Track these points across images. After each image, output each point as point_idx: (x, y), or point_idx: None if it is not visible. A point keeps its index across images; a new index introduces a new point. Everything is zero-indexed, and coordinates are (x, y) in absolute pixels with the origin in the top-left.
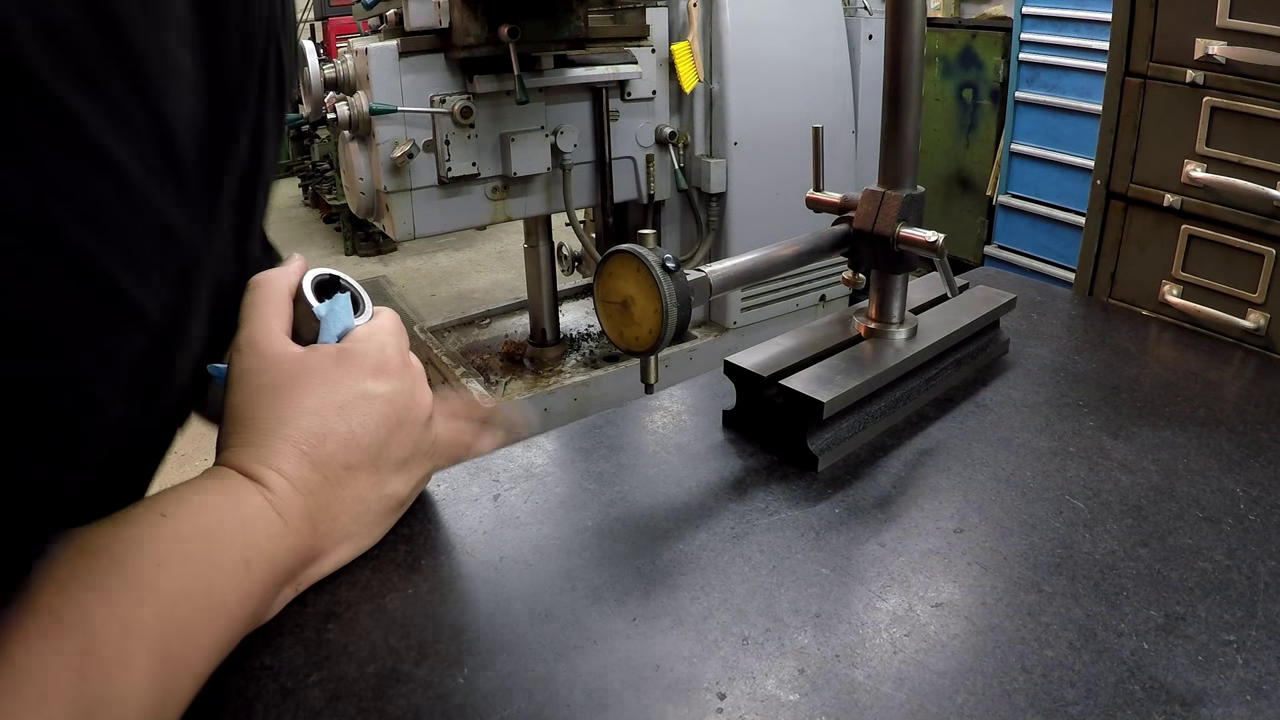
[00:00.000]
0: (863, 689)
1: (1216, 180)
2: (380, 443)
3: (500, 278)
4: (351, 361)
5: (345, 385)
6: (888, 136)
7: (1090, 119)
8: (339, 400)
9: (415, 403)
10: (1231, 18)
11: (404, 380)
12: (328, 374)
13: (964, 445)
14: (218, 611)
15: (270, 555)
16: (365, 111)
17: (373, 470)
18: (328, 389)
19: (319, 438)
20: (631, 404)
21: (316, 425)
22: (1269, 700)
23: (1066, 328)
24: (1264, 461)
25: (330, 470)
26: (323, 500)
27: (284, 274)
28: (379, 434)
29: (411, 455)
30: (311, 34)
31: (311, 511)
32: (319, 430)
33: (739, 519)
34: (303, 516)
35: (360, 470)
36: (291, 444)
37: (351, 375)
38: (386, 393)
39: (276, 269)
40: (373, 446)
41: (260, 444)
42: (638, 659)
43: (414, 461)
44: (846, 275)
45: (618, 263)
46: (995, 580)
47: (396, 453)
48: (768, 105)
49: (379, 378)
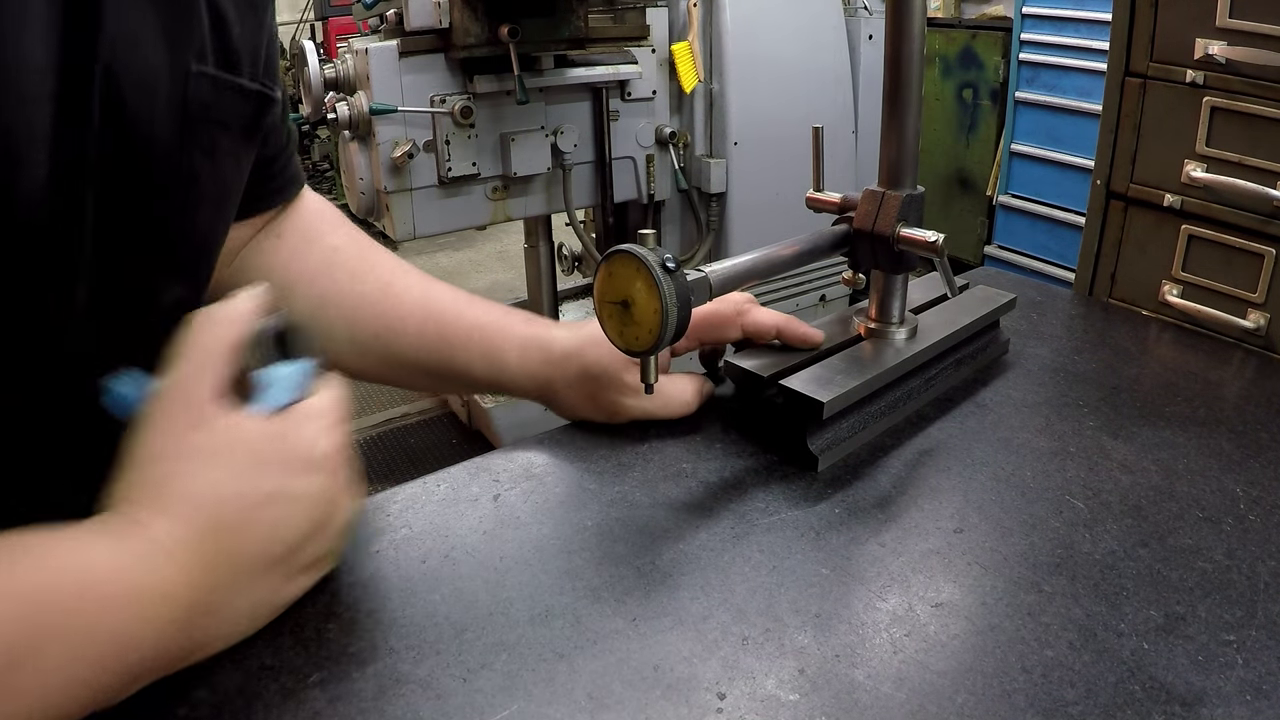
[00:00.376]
0: (863, 689)
1: (1216, 180)
2: (295, 546)
3: (500, 278)
4: (289, 446)
5: (275, 474)
6: (888, 136)
7: (1090, 119)
8: (266, 491)
9: (338, 506)
10: (1231, 18)
11: (335, 479)
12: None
13: (964, 445)
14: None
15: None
16: (365, 111)
17: (278, 574)
18: (257, 474)
19: (231, 530)
20: None
21: (232, 515)
22: (1269, 700)
23: (1066, 328)
24: (1264, 461)
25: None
26: (215, 599)
27: (239, 314)
28: (296, 537)
29: (321, 558)
30: (311, 34)
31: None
32: (233, 522)
33: (739, 519)
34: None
35: (266, 573)
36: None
37: (286, 464)
38: (315, 493)
39: (231, 306)
40: (287, 549)
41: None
42: (638, 659)
43: (320, 564)
44: (846, 275)
45: (618, 263)
46: (995, 580)
47: (306, 557)
48: (768, 105)
49: (311, 473)
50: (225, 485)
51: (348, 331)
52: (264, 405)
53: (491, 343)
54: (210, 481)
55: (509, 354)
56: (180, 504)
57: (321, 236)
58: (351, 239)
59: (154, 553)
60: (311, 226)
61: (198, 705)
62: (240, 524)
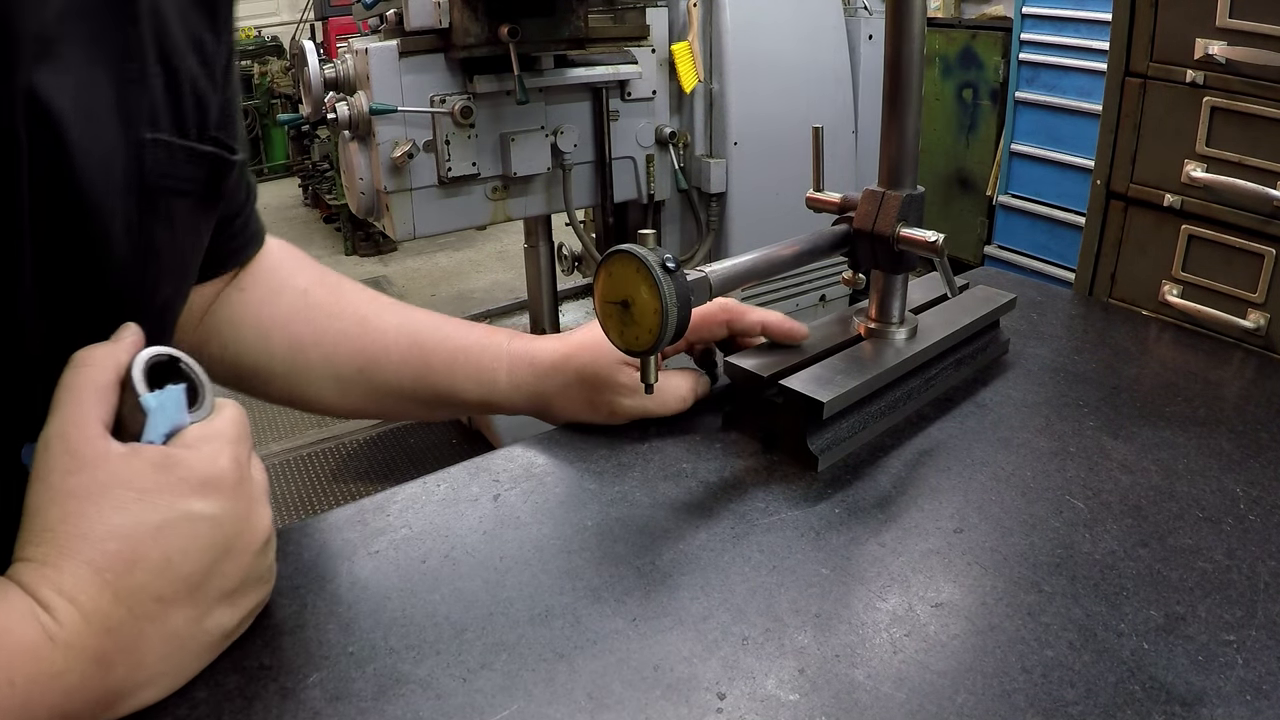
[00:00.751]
0: (863, 689)
1: (1216, 180)
2: (202, 572)
3: (500, 278)
4: (176, 471)
5: (165, 501)
6: (888, 136)
7: (1090, 119)
8: (156, 520)
9: (248, 527)
10: (1231, 18)
11: (237, 500)
12: (146, 485)
13: (964, 445)
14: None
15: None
16: (365, 111)
17: (190, 604)
18: (144, 505)
19: (127, 564)
20: None
21: (125, 549)
22: (1269, 700)
23: (1066, 328)
24: (1264, 461)
25: (137, 603)
26: (124, 638)
27: (112, 353)
28: (201, 562)
29: (240, 585)
30: (311, 34)
31: (107, 652)
32: (128, 555)
33: (739, 519)
34: (94, 658)
35: (175, 604)
36: (93, 569)
37: (175, 489)
38: (214, 514)
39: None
40: (193, 577)
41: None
42: (638, 659)
43: (243, 592)
44: (846, 275)
45: (618, 263)
46: (995, 580)
47: (221, 584)
48: (768, 105)
49: (207, 495)
50: (112, 521)
51: (330, 370)
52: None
53: (479, 364)
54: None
55: (498, 373)
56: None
57: (288, 281)
58: (320, 279)
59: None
60: (276, 274)
61: (197, 705)
62: (135, 557)
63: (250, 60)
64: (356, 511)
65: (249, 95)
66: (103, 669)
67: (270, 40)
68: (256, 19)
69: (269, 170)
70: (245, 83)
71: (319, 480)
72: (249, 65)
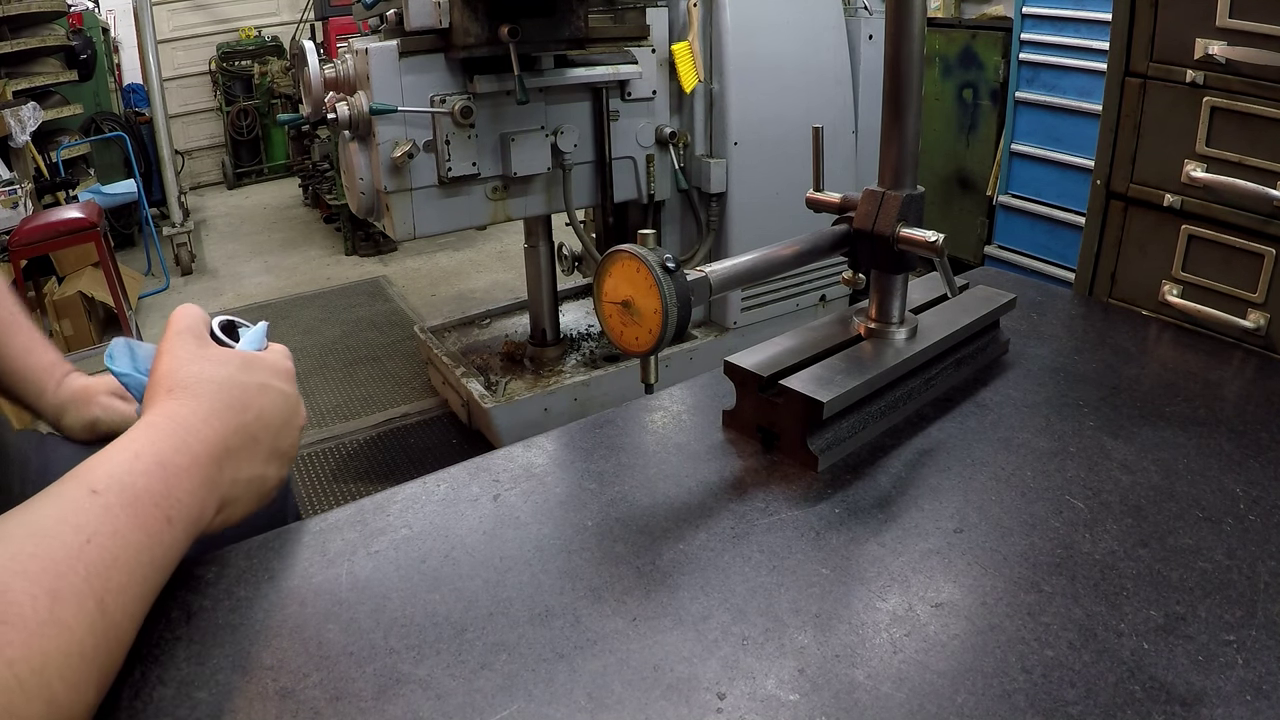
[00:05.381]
0: (863, 689)
1: (1216, 180)
2: (275, 429)
3: (500, 278)
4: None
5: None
6: (888, 136)
7: (1090, 119)
8: (257, 383)
9: (299, 411)
10: (1231, 18)
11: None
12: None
13: (964, 445)
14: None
15: (189, 509)
16: (365, 111)
17: (265, 449)
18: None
19: (240, 408)
20: (631, 404)
21: (240, 397)
22: (1269, 700)
23: (1066, 328)
24: (1264, 461)
25: (242, 438)
26: (231, 465)
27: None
28: (275, 421)
29: (287, 450)
30: (311, 34)
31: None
32: (241, 402)
33: (739, 519)
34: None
35: (259, 445)
36: (218, 412)
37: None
38: (285, 391)
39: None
40: (270, 428)
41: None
42: (638, 659)
43: (286, 458)
44: (846, 275)
45: (618, 263)
46: (995, 580)
47: (278, 444)
48: (768, 105)
49: (280, 379)
50: (231, 375)
51: None
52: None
53: None
54: (219, 372)
55: None
56: (199, 385)
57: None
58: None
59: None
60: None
61: (198, 705)
62: (244, 405)
63: (250, 60)
64: (356, 511)
65: (249, 95)
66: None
67: (270, 40)
68: (256, 19)
69: (269, 170)
70: (246, 83)
71: (319, 480)
72: (249, 65)
